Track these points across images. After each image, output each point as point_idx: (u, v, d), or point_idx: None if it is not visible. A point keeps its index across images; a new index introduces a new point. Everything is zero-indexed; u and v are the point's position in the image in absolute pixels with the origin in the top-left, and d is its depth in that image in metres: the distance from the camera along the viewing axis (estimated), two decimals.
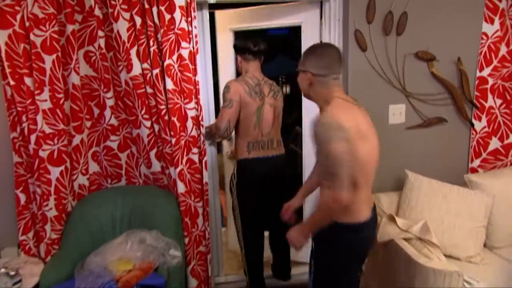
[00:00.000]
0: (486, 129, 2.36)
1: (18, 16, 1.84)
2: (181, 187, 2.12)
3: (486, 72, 2.29)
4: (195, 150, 2.14)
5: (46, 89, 1.91)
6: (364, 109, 1.52)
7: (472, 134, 2.36)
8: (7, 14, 1.83)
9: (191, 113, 2.09)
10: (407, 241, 1.89)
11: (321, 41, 2.30)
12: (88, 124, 2.13)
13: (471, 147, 2.38)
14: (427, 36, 2.20)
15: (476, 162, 2.39)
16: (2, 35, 1.84)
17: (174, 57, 2.00)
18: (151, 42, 1.96)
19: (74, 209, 2.08)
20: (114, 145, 2.20)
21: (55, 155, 1.97)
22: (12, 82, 1.90)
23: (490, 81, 2.30)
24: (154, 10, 1.93)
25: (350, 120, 1.36)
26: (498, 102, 2.34)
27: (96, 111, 2.13)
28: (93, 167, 2.19)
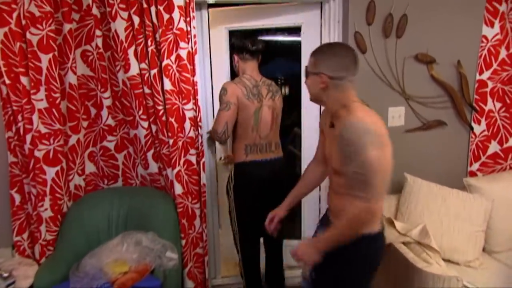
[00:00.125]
0: (486, 133, 2.35)
1: (15, 14, 1.82)
2: (179, 189, 2.10)
3: (486, 76, 2.28)
4: (193, 152, 2.13)
5: (42, 89, 1.89)
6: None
7: (472, 138, 2.36)
8: (3, 12, 1.81)
9: (189, 114, 2.07)
10: (406, 245, 1.87)
11: (333, 42, 2.20)
12: (85, 124, 2.11)
13: (470, 151, 2.37)
14: (427, 39, 2.20)
15: (475, 166, 2.38)
16: None
17: (173, 57, 1.99)
18: (149, 42, 1.94)
19: (70, 210, 2.06)
20: (111, 146, 2.18)
21: (51, 155, 1.95)
22: (8, 81, 1.88)
23: (490, 85, 2.29)
24: (153, 10, 1.91)
25: (379, 125, 1.29)
26: (498, 106, 2.33)
27: (93, 111, 2.12)
28: (90, 168, 2.17)
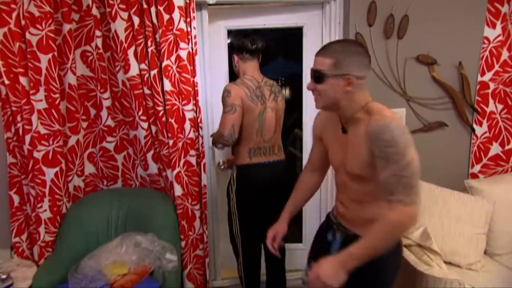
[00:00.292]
0: (487, 134, 2.34)
1: (14, 14, 1.82)
2: (178, 190, 2.09)
3: (488, 77, 2.27)
4: (193, 153, 2.12)
5: (42, 89, 1.88)
6: None
7: (473, 139, 2.34)
8: (3, 12, 1.81)
9: (189, 115, 2.06)
10: (407, 248, 1.86)
11: (341, 39, 2.15)
12: (84, 125, 2.10)
13: (472, 153, 2.36)
14: (428, 40, 2.18)
15: (477, 168, 2.37)
16: None
17: (173, 58, 1.98)
18: (149, 43, 1.94)
19: (69, 211, 2.05)
20: (111, 147, 2.17)
21: (50, 156, 1.94)
22: (7, 82, 1.87)
23: (492, 86, 2.28)
24: (153, 10, 1.90)
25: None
26: (499, 107, 2.32)
27: (93, 112, 2.11)
28: (89, 169, 2.16)
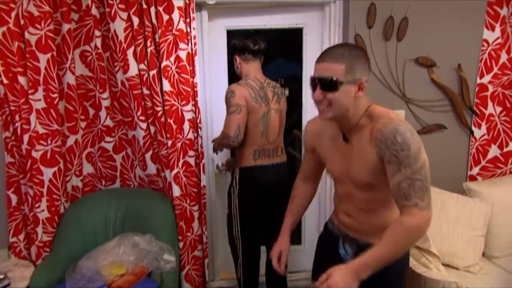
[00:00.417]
0: (486, 137, 2.34)
1: (13, 14, 1.81)
2: (177, 191, 2.08)
3: (487, 79, 2.27)
4: (192, 153, 2.11)
5: (40, 89, 1.88)
6: None
7: (472, 142, 2.34)
8: (2, 12, 1.80)
9: (188, 116, 2.06)
10: None
11: (342, 43, 2.04)
12: (83, 125, 2.10)
13: (471, 155, 2.36)
14: (428, 42, 2.18)
15: (475, 170, 2.37)
16: None
17: (172, 59, 1.98)
18: (149, 43, 1.93)
19: (67, 211, 2.05)
20: (109, 147, 2.17)
21: (48, 156, 1.94)
22: (6, 81, 1.87)
23: (490, 89, 2.28)
24: (152, 11, 1.90)
25: None
26: (498, 110, 2.32)
27: (91, 112, 2.11)
28: (87, 169, 2.16)
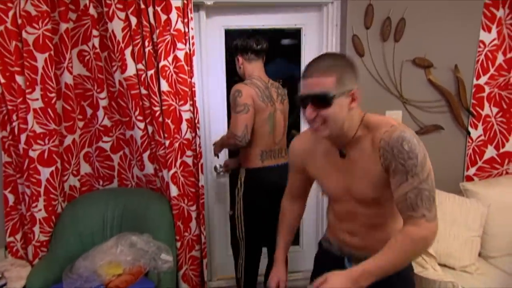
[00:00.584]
0: (482, 138, 2.35)
1: (10, 13, 1.81)
2: (174, 190, 2.08)
3: (483, 80, 2.28)
4: (189, 153, 2.11)
5: (38, 88, 1.87)
6: None
7: (468, 142, 2.36)
8: None
9: (186, 116, 2.06)
10: None
11: (328, 53, 1.92)
12: (81, 125, 2.09)
13: (467, 155, 2.37)
14: (425, 43, 2.20)
15: (472, 170, 2.38)
16: None
17: (170, 58, 1.98)
18: (146, 43, 1.93)
19: (64, 211, 2.04)
20: (107, 146, 2.17)
21: (46, 156, 1.93)
22: (3, 80, 1.87)
23: (487, 90, 2.30)
24: (150, 11, 1.90)
25: None
26: (495, 111, 2.33)
27: (89, 112, 2.10)
28: (85, 168, 2.16)
